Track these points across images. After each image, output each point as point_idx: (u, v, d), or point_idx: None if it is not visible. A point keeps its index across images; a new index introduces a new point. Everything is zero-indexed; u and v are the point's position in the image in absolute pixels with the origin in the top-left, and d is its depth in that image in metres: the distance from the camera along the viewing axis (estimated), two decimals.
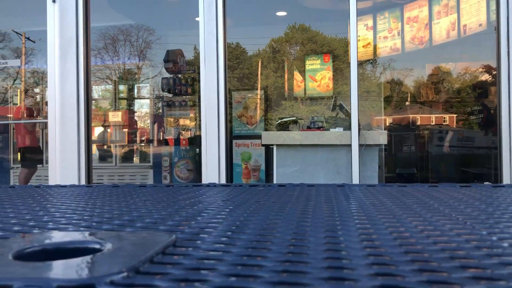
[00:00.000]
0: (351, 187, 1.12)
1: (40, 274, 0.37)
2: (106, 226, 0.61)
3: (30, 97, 8.12)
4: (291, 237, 0.53)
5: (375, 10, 6.32)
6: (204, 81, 3.93)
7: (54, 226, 0.62)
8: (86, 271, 0.38)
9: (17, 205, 0.85)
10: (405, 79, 8.84)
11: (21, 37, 8.09)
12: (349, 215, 0.68)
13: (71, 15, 4.13)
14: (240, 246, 0.47)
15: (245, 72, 8.66)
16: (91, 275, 0.36)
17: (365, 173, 3.84)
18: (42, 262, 0.40)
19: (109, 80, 8.74)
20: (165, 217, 0.68)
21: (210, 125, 3.89)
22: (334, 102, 4.85)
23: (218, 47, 3.91)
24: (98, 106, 8.17)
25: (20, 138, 6.49)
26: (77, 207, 0.81)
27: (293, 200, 0.86)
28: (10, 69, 8.63)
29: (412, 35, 6.04)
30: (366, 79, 8.64)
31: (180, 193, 1.02)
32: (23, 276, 0.36)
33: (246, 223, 0.61)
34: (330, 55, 6.87)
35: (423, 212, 0.70)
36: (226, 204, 0.83)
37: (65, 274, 0.37)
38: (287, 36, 8.91)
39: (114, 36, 8.56)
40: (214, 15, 3.91)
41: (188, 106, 6.84)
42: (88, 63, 4.22)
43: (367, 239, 0.51)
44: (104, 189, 1.12)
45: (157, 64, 8.23)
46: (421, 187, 1.09)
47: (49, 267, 0.39)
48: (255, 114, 6.75)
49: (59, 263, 0.40)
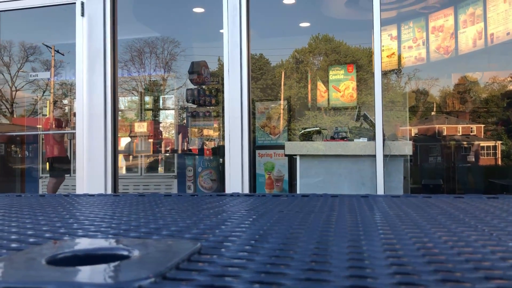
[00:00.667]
0: (375, 197, 1.11)
1: (72, 279, 0.39)
2: (133, 234, 0.63)
3: (58, 108, 8.33)
4: (314, 246, 0.53)
5: (399, 20, 6.28)
6: (227, 92, 3.97)
7: (84, 234, 0.64)
8: (115, 276, 0.39)
9: (48, 213, 0.88)
10: (431, 89, 8.72)
11: (50, 50, 8.33)
12: (372, 226, 0.68)
13: (99, 28, 4.24)
14: (263, 255, 0.48)
15: (268, 83, 8.70)
16: (120, 280, 0.38)
17: (390, 184, 3.80)
18: (73, 267, 0.41)
19: (135, 92, 8.91)
20: (190, 225, 0.69)
21: (234, 135, 3.92)
22: (358, 112, 4.82)
23: (242, 58, 3.94)
24: (124, 117, 8.32)
25: (49, 148, 6.65)
26: (105, 215, 0.83)
27: (316, 210, 0.86)
28: (40, 81, 8.87)
29: (438, 45, 5.97)
30: (391, 89, 8.56)
31: (204, 202, 1.03)
32: (56, 280, 0.38)
33: (269, 232, 0.62)
34: (354, 65, 6.84)
35: (447, 223, 0.70)
36: (249, 213, 0.84)
37: (95, 279, 0.39)
38: (311, 47, 8.92)
39: (140, 49, 8.74)
40: (238, 27, 3.96)
41: (212, 117, 6.90)
42: (115, 75, 4.32)
43: (390, 249, 0.51)
44: (130, 198, 1.14)
45: (182, 76, 8.35)
46: (446, 198, 1.08)
47: (80, 272, 0.40)
48: (278, 124, 6.76)
49: (89, 269, 0.41)
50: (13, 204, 1.07)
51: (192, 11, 7.46)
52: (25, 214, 0.86)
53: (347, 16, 7.33)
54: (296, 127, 7.05)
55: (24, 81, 9.52)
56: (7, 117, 9.18)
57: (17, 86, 9.79)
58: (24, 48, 8.58)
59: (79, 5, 4.34)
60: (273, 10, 7.40)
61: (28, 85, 9.42)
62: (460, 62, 6.70)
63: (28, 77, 9.49)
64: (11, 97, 9.88)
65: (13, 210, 0.93)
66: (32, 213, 0.88)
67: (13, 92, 9.83)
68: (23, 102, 9.76)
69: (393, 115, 7.79)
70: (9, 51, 7.71)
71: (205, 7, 7.24)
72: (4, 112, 9.38)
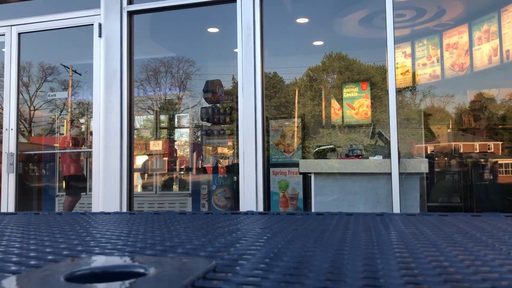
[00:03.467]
0: (391, 216, 1.11)
1: None
2: (149, 252, 0.64)
3: (75, 127, 8.45)
4: (329, 264, 0.53)
5: (413, 38, 6.28)
6: (242, 110, 4.00)
7: (100, 251, 0.65)
8: None
9: (65, 231, 0.89)
10: (446, 106, 8.65)
11: (68, 70, 8.51)
12: (387, 244, 0.67)
13: (115, 48, 4.33)
14: (278, 273, 0.48)
15: (282, 101, 8.73)
16: None
17: (406, 202, 3.76)
18: (91, 284, 0.42)
19: (150, 110, 9.01)
20: (205, 243, 0.70)
21: (248, 153, 3.93)
22: (373, 130, 4.80)
23: (256, 76, 3.98)
24: (139, 135, 8.40)
25: (65, 167, 6.74)
26: (121, 233, 0.84)
27: (331, 229, 0.86)
28: (58, 100, 9.04)
29: (452, 62, 5.95)
30: (406, 106, 8.52)
31: (218, 220, 1.04)
32: None
33: (284, 251, 0.62)
34: (368, 82, 6.84)
35: (464, 242, 0.69)
36: (264, 231, 0.84)
37: None
38: (324, 65, 8.96)
39: (156, 68, 8.87)
40: (252, 46, 4.00)
41: (226, 135, 6.94)
42: (132, 94, 4.38)
43: (406, 267, 0.51)
44: (146, 216, 1.15)
45: (196, 94, 8.43)
46: (463, 216, 1.07)
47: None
48: (292, 142, 6.76)
49: (106, 286, 0.42)
50: (31, 221, 1.08)
51: (206, 31, 7.57)
52: (43, 232, 0.88)
53: (361, 34, 7.36)
54: (310, 144, 7.05)
55: (42, 101, 9.72)
56: (26, 136, 9.34)
57: (36, 105, 10.00)
58: (43, 68, 8.77)
59: (96, 26, 4.44)
60: (287, 29, 7.48)
61: (46, 105, 9.60)
62: (475, 79, 6.65)
63: (46, 97, 9.69)
64: (30, 116, 10.08)
65: (31, 228, 0.95)
66: (50, 231, 0.89)
67: (32, 112, 10.04)
68: (41, 121, 9.93)
69: (408, 132, 7.74)
70: (28, 71, 7.88)
71: (220, 27, 7.34)
72: (22, 131, 9.56)
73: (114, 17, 4.36)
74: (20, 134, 5.15)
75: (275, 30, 6.61)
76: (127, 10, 4.35)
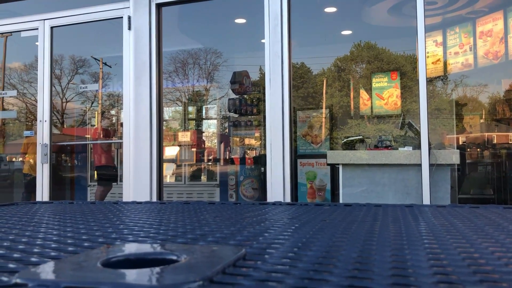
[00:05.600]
0: (420, 207, 1.10)
1: (126, 280, 0.41)
2: (181, 240, 0.65)
3: (106, 119, 8.62)
4: (357, 254, 0.53)
5: (444, 26, 6.12)
6: (269, 101, 4.00)
7: (134, 239, 0.67)
8: (165, 279, 0.42)
9: (99, 219, 0.92)
10: (479, 96, 8.42)
11: (99, 63, 8.67)
12: (416, 235, 0.67)
13: (145, 41, 4.38)
14: (306, 262, 0.49)
15: (309, 91, 8.67)
16: (169, 283, 0.40)
17: (437, 194, 3.69)
18: (126, 270, 0.44)
19: (179, 102, 9.11)
20: (234, 232, 0.71)
21: (275, 144, 3.93)
22: (402, 120, 4.72)
23: (283, 67, 3.97)
24: (168, 126, 8.51)
25: (97, 158, 6.90)
26: (153, 222, 0.86)
27: (359, 220, 0.86)
28: (89, 92, 9.23)
29: (486, 50, 5.78)
30: (437, 96, 8.33)
31: (247, 210, 1.05)
32: (113, 281, 0.40)
33: (312, 241, 0.63)
34: (398, 72, 6.72)
35: (495, 234, 0.68)
36: (292, 222, 0.85)
37: (147, 281, 0.41)
38: (353, 55, 8.84)
39: (184, 60, 8.94)
40: (279, 36, 3.99)
41: (254, 126, 6.95)
42: (160, 86, 4.44)
43: (435, 258, 0.51)
44: (176, 205, 1.18)
45: (224, 86, 8.47)
46: (495, 208, 1.05)
47: (133, 274, 0.43)
48: (320, 133, 6.72)
49: (141, 271, 0.44)
50: (67, 210, 1.12)
51: (234, 22, 7.57)
52: (79, 220, 0.91)
53: (390, 23, 7.22)
54: (338, 135, 6.99)
55: (74, 93, 9.96)
56: (58, 128, 9.60)
57: (68, 97, 10.24)
58: (74, 61, 8.96)
59: (126, 19, 4.51)
60: (314, 19, 7.40)
61: (77, 97, 9.84)
62: (510, 67, 6.44)
63: (78, 89, 9.91)
64: (62, 108, 10.35)
65: (67, 216, 0.99)
66: (85, 219, 0.92)
67: (64, 104, 10.29)
68: (73, 113, 10.18)
69: (439, 122, 7.58)
70: (60, 64, 8.07)
71: (247, 18, 7.33)
72: (55, 122, 9.82)
73: (143, 10, 4.41)
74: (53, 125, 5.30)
75: (303, 20, 6.55)
76: (155, 2, 4.40)
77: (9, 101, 7.19)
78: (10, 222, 0.90)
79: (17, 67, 7.39)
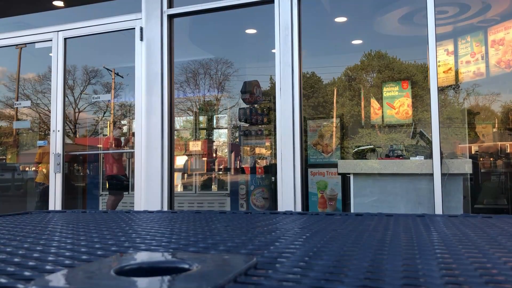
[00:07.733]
0: (432, 217, 1.09)
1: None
2: (192, 248, 0.66)
3: (118, 128, 8.70)
4: (368, 264, 0.54)
5: (455, 35, 6.10)
6: (279, 111, 4.00)
7: (146, 247, 0.68)
8: (177, 287, 0.42)
9: (112, 228, 0.93)
10: (492, 105, 8.35)
11: (111, 73, 8.77)
12: (428, 245, 0.67)
13: (156, 52, 4.43)
14: (317, 271, 0.49)
15: (320, 101, 8.67)
16: None
17: (449, 204, 3.66)
18: (139, 278, 0.44)
19: (190, 112, 9.16)
20: (245, 241, 0.72)
21: (286, 154, 3.93)
22: (414, 130, 4.70)
23: (294, 77, 3.98)
24: (179, 136, 8.56)
25: (108, 167, 6.95)
26: (165, 231, 0.87)
27: (371, 230, 0.86)
28: (101, 102, 9.33)
29: (498, 59, 5.74)
30: (448, 105, 8.28)
31: (258, 219, 1.05)
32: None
33: (323, 250, 0.63)
34: (409, 81, 6.70)
35: (508, 244, 0.67)
36: (303, 231, 0.85)
37: None
38: (363, 64, 8.83)
39: (195, 70, 9.01)
40: (289, 46, 4.01)
41: (264, 135, 6.96)
42: (172, 96, 4.48)
43: (446, 268, 0.51)
44: (187, 215, 1.18)
45: (234, 95, 8.51)
46: (508, 218, 1.04)
47: (147, 282, 0.44)
48: (330, 142, 6.71)
49: (154, 279, 0.44)
50: (80, 219, 1.14)
51: (244, 33, 7.62)
52: (92, 229, 0.92)
53: (401, 32, 7.22)
54: (349, 145, 6.97)
55: (86, 103, 10.08)
56: (71, 137, 9.70)
57: (80, 107, 10.37)
58: (87, 71, 9.07)
59: (138, 30, 4.56)
60: (325, 29, 7.42)
61: (90, 107, 9.95)
62: None
63: (90, 99, 10.03)
64: (74, 118, 10.47)
65: (80, 225, 1.00)
66: (98, 228, 0.93)
67: (76, 114, 10.42)
68: (85, 122, 10.29)
69: (451, 132, 7.52)
70: (73, 75, 8.18)
71: (257, 28, 7.38)
72: (68, 132, 9.92)
73: (155, 21, 4.46)
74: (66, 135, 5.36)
75: (313, 29, 6.58)
76: (167, 13, 4.45)
77: (23, 111, 7.29)
78: (25, 230, 0.91)
79: (31, 78, 7.51)
